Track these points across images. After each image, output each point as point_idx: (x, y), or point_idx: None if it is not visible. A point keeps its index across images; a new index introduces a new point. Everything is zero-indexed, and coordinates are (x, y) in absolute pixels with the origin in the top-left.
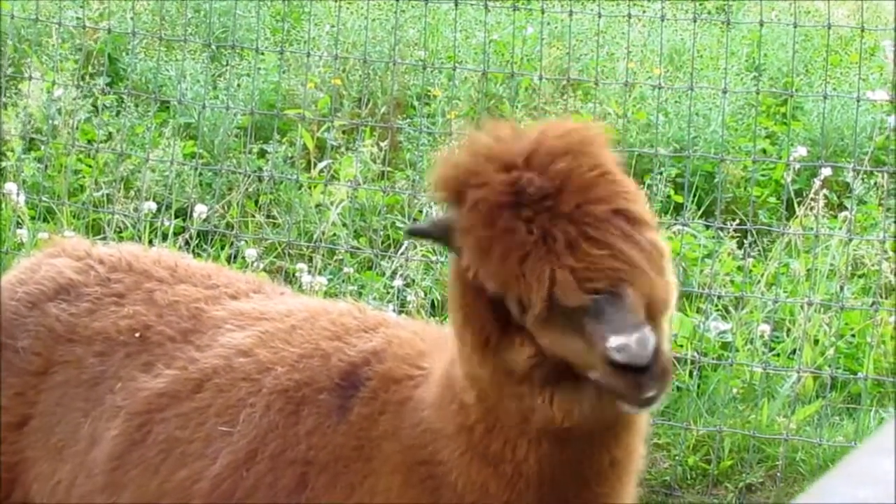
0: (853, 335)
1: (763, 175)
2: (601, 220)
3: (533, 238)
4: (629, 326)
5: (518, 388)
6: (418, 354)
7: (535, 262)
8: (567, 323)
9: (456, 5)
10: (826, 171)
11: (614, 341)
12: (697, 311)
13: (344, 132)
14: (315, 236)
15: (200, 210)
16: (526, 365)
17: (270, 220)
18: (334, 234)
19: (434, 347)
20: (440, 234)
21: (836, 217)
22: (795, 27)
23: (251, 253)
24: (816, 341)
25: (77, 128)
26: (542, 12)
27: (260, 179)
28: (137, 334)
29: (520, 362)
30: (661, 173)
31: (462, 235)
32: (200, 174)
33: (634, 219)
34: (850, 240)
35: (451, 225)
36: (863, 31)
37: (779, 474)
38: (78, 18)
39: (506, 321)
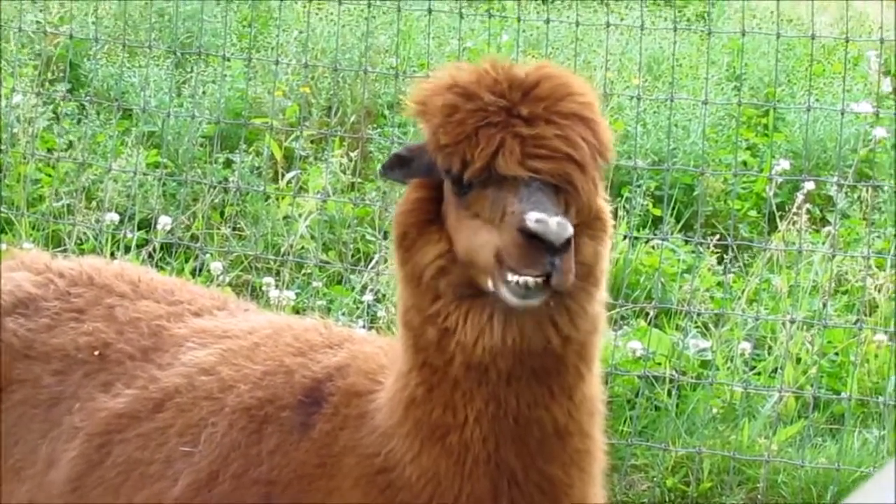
0: (836, 353)
1: (744, 188)
2: (568, 116)
3: (496, 108)
4: (553, 210)
5: (433, 305)
6: (380, 369)
7: (490, 126)
8: (491, 208)
9: (429, 12)
10: (809, 185)
11: (534, 216)
12: (676, 329)
13: (312, 142)
14: (283, 249)
15: (164, 222)
16: (435, 265)
17: (237, 232)
18: (302, 247)
19: (395, 362)
20: (414, 154)
21: (818, 232)
22: (778, 38)
23: (216, 266)
24: (799, 360)
25: (36, 136)
26: (519, 20)
27: (226, 190)
28: (97, 352)
29: (430, 259)
30: (639, 186)
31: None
32: (164, 184)
33: (599, 137)
34: (834, 255)
35: (423, 144)
36: (847, 41)
37: (760, 497)
38: (38, 23)
39: (427, 221)
